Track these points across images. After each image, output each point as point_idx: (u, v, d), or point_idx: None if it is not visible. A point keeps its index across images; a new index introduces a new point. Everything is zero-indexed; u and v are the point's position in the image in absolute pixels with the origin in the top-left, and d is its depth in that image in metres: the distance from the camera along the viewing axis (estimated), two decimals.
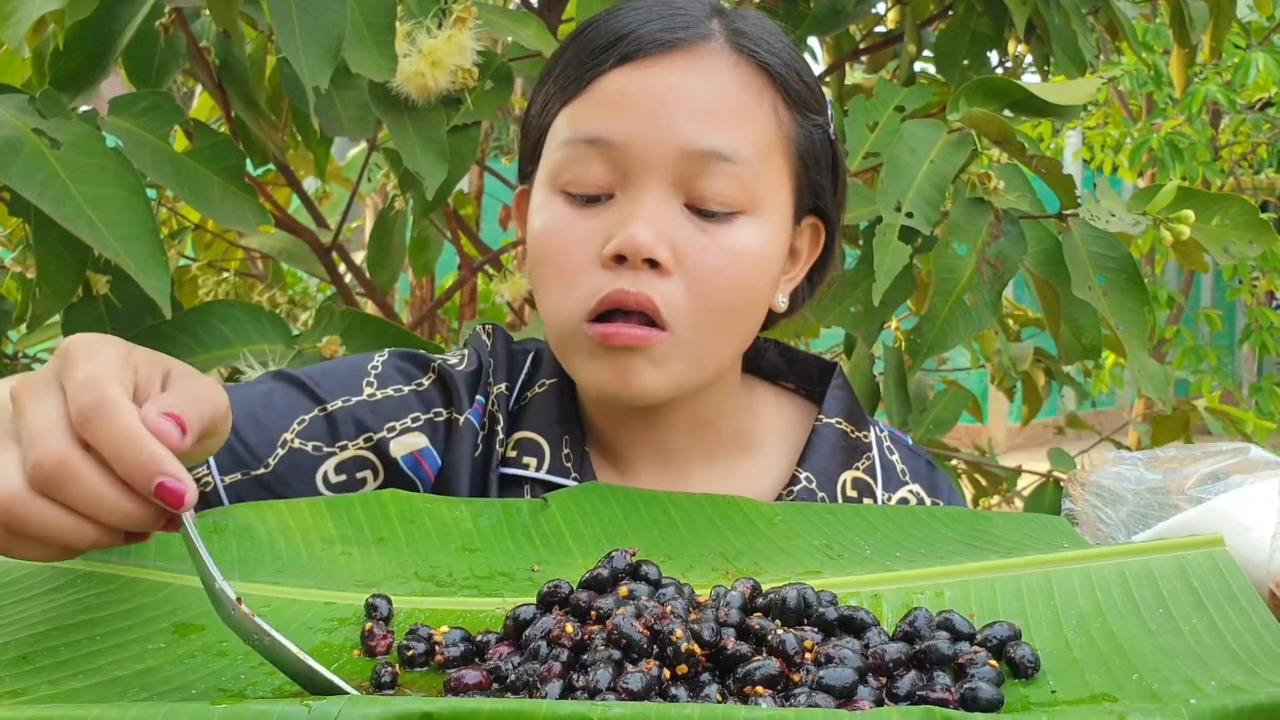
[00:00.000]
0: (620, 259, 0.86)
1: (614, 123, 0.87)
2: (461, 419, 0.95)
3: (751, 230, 0.88)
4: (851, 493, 0.97)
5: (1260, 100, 4.98)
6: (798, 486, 0.96)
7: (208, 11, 1.42)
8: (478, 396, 0.96)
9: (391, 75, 1.27)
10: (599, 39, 0.89)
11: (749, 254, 0.88)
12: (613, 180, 0.87)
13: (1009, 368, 2.06)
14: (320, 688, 0.58)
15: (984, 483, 2.30)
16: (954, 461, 2.25)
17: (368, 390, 0.94)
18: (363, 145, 2.18)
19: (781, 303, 0.96)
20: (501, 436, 0.95)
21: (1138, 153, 4.32)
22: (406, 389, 0.95)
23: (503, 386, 0.97)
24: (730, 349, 0.93)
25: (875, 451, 1.01)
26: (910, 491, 1.00)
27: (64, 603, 0.66)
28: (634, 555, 0.71)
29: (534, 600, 0.68)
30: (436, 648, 0.65)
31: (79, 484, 0.59)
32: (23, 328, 1.68)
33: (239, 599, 0.60)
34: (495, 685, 0.60)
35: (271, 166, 1.78)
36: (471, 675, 0.60)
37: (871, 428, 1.02)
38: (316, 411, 0.93)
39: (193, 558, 0.61)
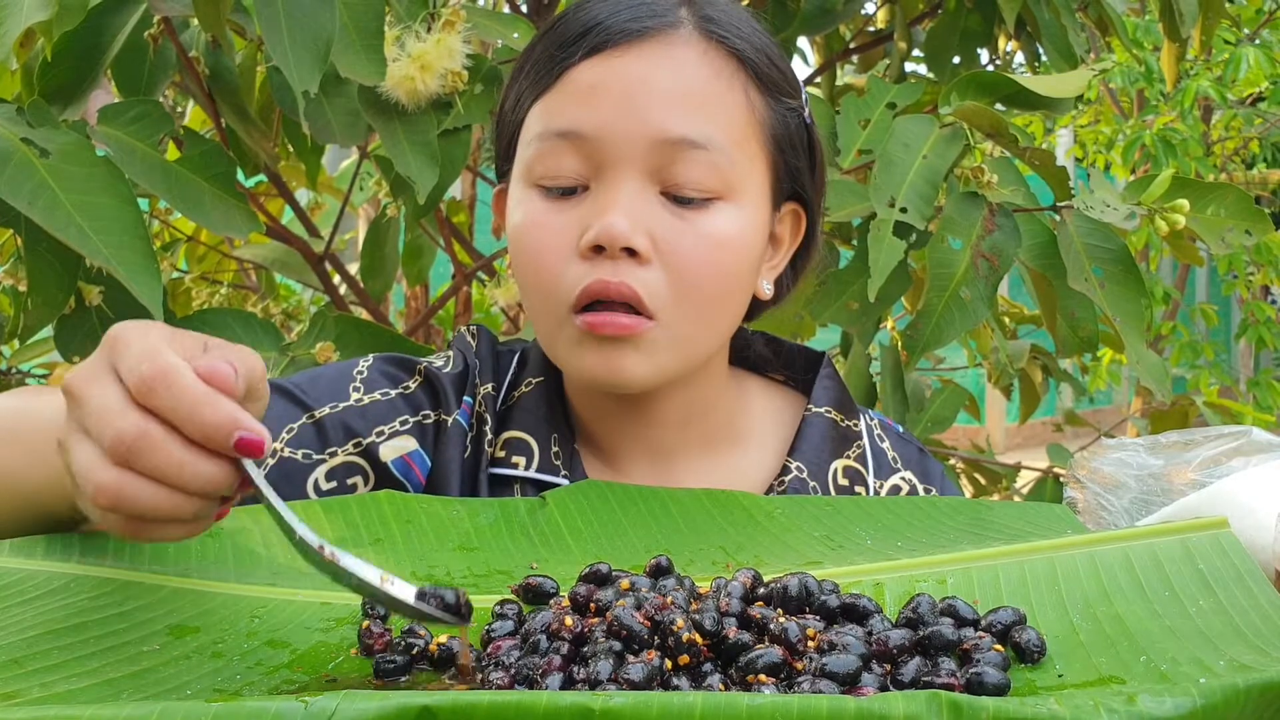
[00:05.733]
0: (598, 249, 0.85)
1: (585, 115, 0.87)
2: (450, 420, 0.94)
3: (729, 216, 0.88)
4: (843, 481, 0.97)
5: (1251, 95, 4.99)
6: (788, 476, 0.95)
7: (196, 21, 1.41)
8: (465, 397, 0.96)
9: (381, 80, 1.27)
10: (569, 32, 0.89)
11: (727, 239, 0.88)
12: (587, 171, 0.87)
13: (1006, 365, 2.06)
14: (414, 614, 0.61)
15: (983, 481, 2.29)
16: (952, 460, 2.24)
17: (355, 395, 0.94)
18: (354, 156, 2.17)
19: (766, 289, 0.96)
20: (490, 437, 0.95)
21: (1130, 149, 4.32)
22: (394, 392, 0.95)
23: (489, 387, 0.97)
24: (715, 335, 0.92)
25: (866, 440, 1.00)
26: (902, 479, 1.00)
27: (57, 606, 0.66)
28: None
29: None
30: (439, 648, 0.64)
31: (160, 452, 0.59)
32: (15, 343, 1.68)
33: (321, 545, 0.61)
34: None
35: (263, 178, 1.78)
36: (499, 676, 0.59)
37: (861, 416, 1.02)
38: (304, 419, 0.92)
39: (269, 509, 0.62)
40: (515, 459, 0.94)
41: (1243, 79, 4.29)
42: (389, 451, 0.93)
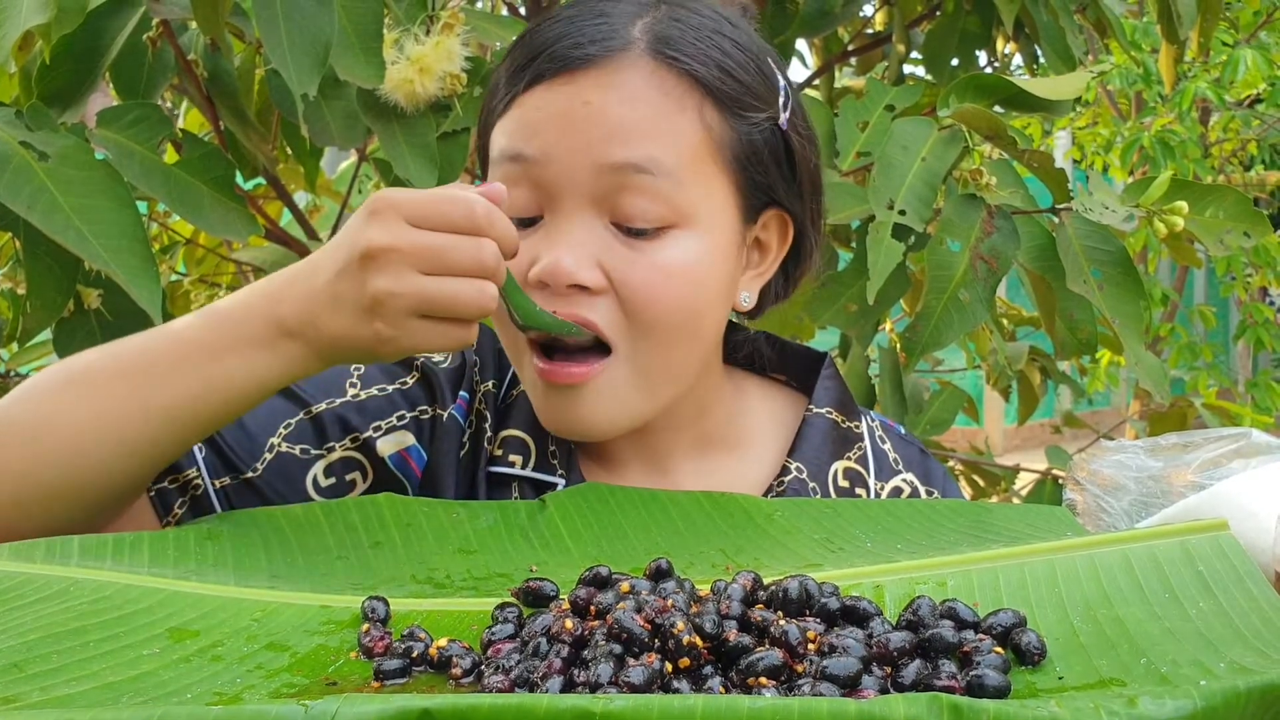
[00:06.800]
0: (545, 285, 0.85)
1: (530, 140, 0.86)
2: (444, 415, 0.94)
3: (684, 244, 0.87)
4: (843, 483, 0.96)
5: (1249, 97, 4.99)
6: (788, 477, 0.95)
7: (195, 24, 1.41)
8: (461, 392, 0.96)
9: (380, 82, 1.26)
10: (522, 57, 0.88)
11: (682, 268, 0.86)
12: (540, 201, 0.87)
13: (1004, 367, 2.06)
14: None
15: (982, 483, 2.29)
16: (951, 462, 2.25)
17: (351, 391, 0.94)
18: (353, 158, 2.17)
19: (745, 300, 0.94)
20: (489, 435, 0.95)
21: (1129, 151, 4.33)
22: (390, 388, 0.95)
23: (490, 384, 0.97)
24: (685, 365, 0.91)
25: (867, 441, 1.00)
26: (904, 480, 1.00)
27: (57, 610, 0.66)
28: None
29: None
30: (439, 652, 0.64)
31: (493, 259, 0.77)
32: (14, 346, 1.67)
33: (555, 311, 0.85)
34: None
35: (262, 180, 1.78)
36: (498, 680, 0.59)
37: (863, 417, 1.01)
38: (302, 415, 0.92)
39: (514, 297, 0.82)
40: (512, 458, 0.94)
41: (1240, 81, 4.29)
42: (386, 446, 0.93)
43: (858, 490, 0.97)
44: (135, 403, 0.79)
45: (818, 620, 0.63)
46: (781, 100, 0.92)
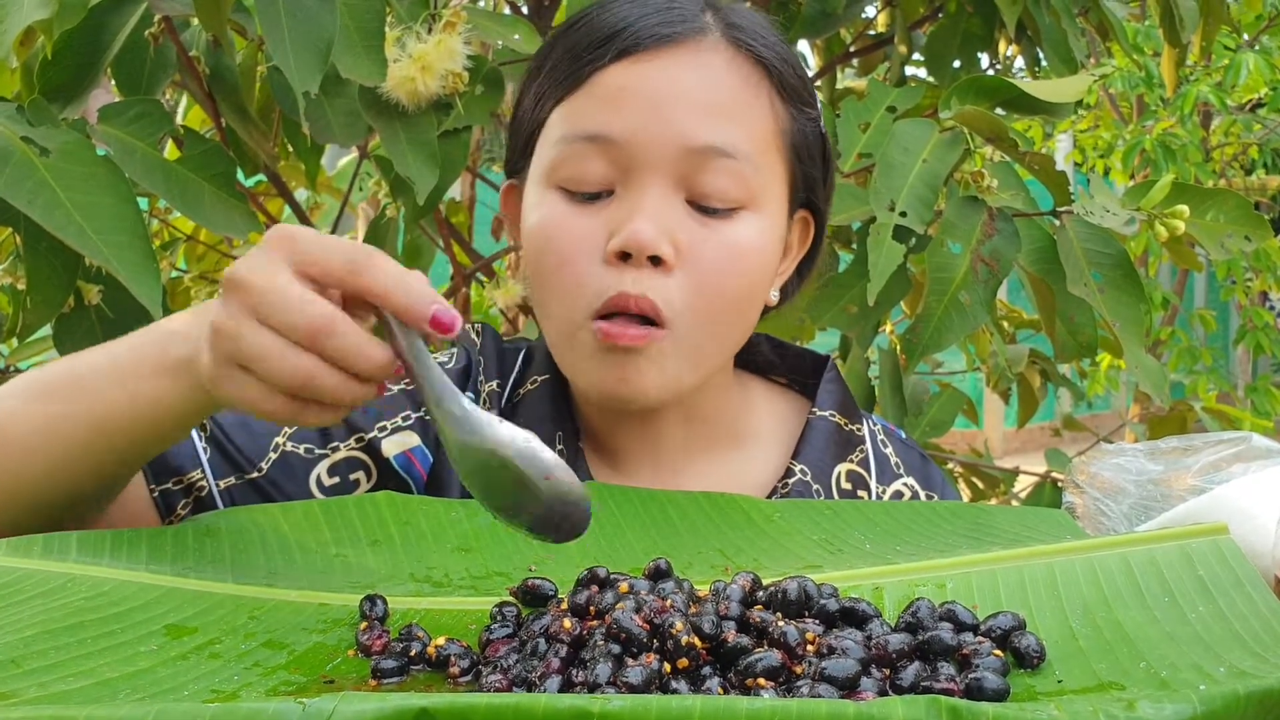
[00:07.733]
0: (624, 256, 0.85)
1: (614, 119, 0.86)
2: None
3: (752, 225, 0.88)
4: (846, 485, 0.97)
5: (1251, 101, 4.99)
6: (792, 479, 0.95)
7: (197, 20, 1.41)
8: (467, 393, 0.96)
9: (381, 80, 1.26)
10: (595, 33, 0.88)
11: (750, 249, 0.88)
12: (613, 176, 0.87)
13: (1004, 369, 2.06)
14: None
15: (981, 485, 2.29)
16: (950, 464, 2.24)
17: None
18: (353, 155, 2.17)
19: (774, 297, 0.96)
20: None
21: (1130, 155, 4.33)
22: (395, 388, 0.95)
23: (494, 385, 0.97)
24: (728, 345, 0.92)
25: (869, 444, 1.00)
26: (905, 485, 1.00)
27: (54, 606, 0.65)
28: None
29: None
30: (437, 650, 0.64)
31: (348, 335, 0.64)
32: (14, 342, 1.67)
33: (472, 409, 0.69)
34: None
35: (263, 177, 1.78)
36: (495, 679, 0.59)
37: (865, 421, 1.02)
38: None
39: (423, 385, 0.67)
40: None
41: (1242, 85, 4.29)
42: (391, 447, 0.93)
43: (859, 493, 0.97)
44: (64, 418, 0.76)
45: (816, 621, 0.63)
46: (819, 105, 0.95)
